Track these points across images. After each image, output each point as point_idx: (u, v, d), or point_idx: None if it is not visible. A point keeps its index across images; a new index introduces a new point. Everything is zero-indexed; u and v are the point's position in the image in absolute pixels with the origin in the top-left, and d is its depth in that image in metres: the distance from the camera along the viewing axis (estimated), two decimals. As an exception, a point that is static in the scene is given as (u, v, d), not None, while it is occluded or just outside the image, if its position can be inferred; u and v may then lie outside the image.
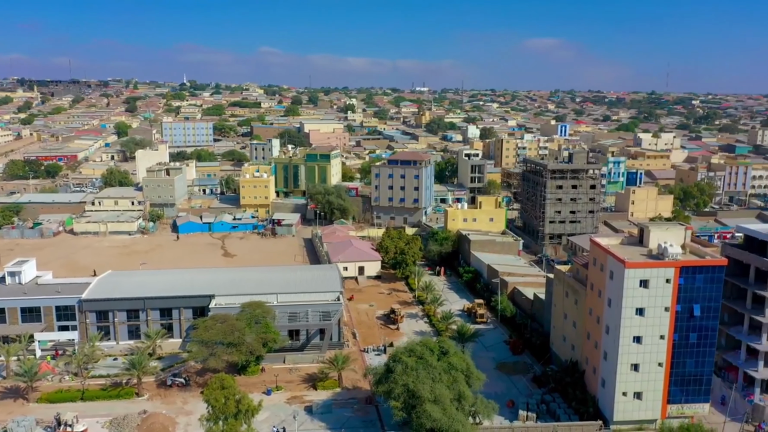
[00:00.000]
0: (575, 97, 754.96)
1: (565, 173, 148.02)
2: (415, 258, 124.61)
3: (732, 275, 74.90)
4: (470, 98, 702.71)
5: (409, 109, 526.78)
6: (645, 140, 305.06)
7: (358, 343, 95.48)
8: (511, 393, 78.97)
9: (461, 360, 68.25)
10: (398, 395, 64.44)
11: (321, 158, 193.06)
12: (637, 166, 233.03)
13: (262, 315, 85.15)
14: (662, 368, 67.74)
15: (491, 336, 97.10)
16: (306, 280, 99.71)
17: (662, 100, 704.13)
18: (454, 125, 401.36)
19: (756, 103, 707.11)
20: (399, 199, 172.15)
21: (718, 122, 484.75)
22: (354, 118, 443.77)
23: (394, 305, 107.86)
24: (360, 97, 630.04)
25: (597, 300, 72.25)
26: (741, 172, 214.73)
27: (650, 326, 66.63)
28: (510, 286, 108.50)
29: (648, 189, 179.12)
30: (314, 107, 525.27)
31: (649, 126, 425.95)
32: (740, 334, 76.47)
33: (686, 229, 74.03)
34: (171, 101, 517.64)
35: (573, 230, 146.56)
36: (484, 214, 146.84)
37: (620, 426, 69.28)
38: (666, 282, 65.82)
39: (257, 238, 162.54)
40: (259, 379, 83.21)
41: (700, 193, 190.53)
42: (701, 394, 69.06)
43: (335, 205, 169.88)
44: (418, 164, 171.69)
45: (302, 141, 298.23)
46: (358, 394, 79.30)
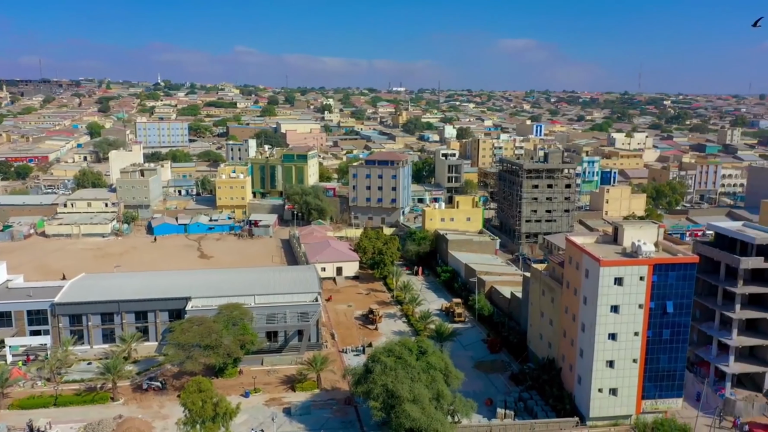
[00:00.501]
0: (550, 98, 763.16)
1: (541, 173, 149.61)
2: (393, 258, 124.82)
3: (703, 272, 76.48)
4: (447, 98, 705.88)
5: (386, 109, 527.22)
6: (618, 140, 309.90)
7: (336, 343, 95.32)
8: (489, 391, 79.55)
9: (440, 359, 68.56)
10: (377, 395, 64.48)
11: (298, 158, 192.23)
12: (611, 166, 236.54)
13: (240, 317, 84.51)
14: (637, 364, 68.84)
15: (469, 335, 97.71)
16: (284, 281, 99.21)
17: (635, 101, 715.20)
18: (431, 125, 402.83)
19: (725, 103, 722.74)
20: (377, 199, 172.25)
21: (689, 122, 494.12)
22: (331, 118, 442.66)
23: (373, 305, 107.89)
24: (337, 97, 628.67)
25: (573, 298, 73.17)
26: (711, 171, 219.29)
27: (625, 323, 67.65)
28: (487, 285, 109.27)
29: (622, 188, 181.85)
30: (291, 107, 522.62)
31: (622, 126, 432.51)
32: (711, 330, 78.09)
33: (659, 227, 75.34)
34: (145, 101, 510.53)
35: (549, 229, 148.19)
36: (462, 213, 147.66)
37: (596, 422, 70.23)
38: (640, 279, 66.93)
39: (234, 240, 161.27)
40: (236, 382, 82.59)
41: (672, 191, 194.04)
42: (674, 390, 70.36)
43: (313, 205, 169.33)
44: (396, 164, 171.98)
45: (279, 141, 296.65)
46: (337, 395, 79.18)
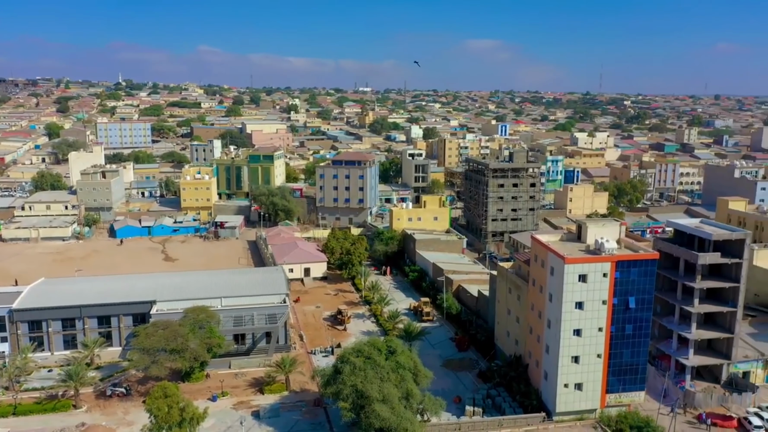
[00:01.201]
0: (514, 98, 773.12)
1: (506, 172, 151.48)
2: (361, 258, 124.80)
3: (663, 268, 78.45)
4: (413, 98, 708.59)
5: (353, 109, 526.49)
6: (581, 139, 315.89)
7: (305, 345, 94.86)
8: (458, 389, 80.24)
9: (408, 358, 68.84)
10: (347, 396, 64.40)
11: (264, 159, 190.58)
12: (574, 165, 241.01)
13: (206, 320, 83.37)
14: (601, 359, 70.26)
15: (437, 334, 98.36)
16: (251, 283, 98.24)
17: (596, 101, 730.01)
18: (398, 125, 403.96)
19: (682, 103, 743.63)
20: (344, 199, 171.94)
21: (648, 122, 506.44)
22: (297, 118, 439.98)
23: (341, 306, 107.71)
24: (303, 98, 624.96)
25: (539, 295, 74.30)
26: (670, 169, 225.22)
27: (589, 319, 68.98)
28: (455, 284, 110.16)
29: (584, 187, 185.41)
30: (256, 107, 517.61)
31: (584, 126, 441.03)
32: (671, 324, 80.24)
33: (621, 224, 77.07)
34: (106, 101, 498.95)
35: (514, 227, 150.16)
36: (429, 213, 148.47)
37: (562, 417, 71.46)
38: (603, 276, 68.31)
39: (199, 242, 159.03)
40: (204, 386, 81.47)
41: (633, 190, 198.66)
42: (637, 383, 72.04)
43: (279, 206, 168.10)
44: (363, 164, 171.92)
45: (244, 142, 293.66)
46: (306, 396, 78.81)
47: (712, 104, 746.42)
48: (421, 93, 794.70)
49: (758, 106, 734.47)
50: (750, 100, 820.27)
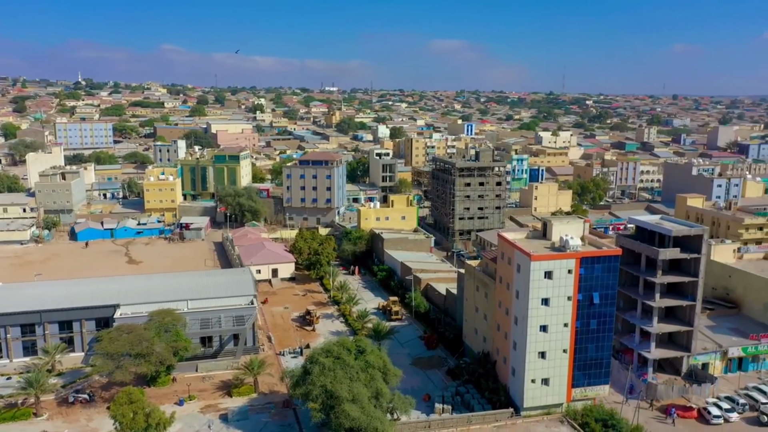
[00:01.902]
0: (480, 98, 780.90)
1: (473, 171, 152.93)
2: (329, 258, 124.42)
3: (626, 264, 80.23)
4: (379, 98, 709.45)
5: (319, 109, 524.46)
6: (545, 138, 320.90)
7: (273, 346, 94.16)
8: (427, 387, 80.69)
9: (378, 358, 68.93)
10: (316, 397, 64.15)
11: (230, 159, 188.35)
12: (539, 163, 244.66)
13: (172, 323, 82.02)
14: (566, 354, 71.45)
15: (406, 332, 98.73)
16: (217, 285, 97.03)
17: (559, 101, 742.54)
18: (365, 125, 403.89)
19: (642, 103, 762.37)
20: (311, 199, 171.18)
21: (610, 121, 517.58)
22: (263, 118, 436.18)
23: (310, 306, 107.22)
24: (269, 97, 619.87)
25: (506, 292, 75.21)
26: (631, 167, 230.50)
27: (555, 315, 70.10)
28: (423, 283, 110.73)
29: (549, 185, 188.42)
30: (221, 107, 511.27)
31: (548, 125, 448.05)
32: (634, 319, 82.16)
33: (584, 222, 78.58)
34: (65, 101, 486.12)
35: (481, 226, 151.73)
36: (396, 212, 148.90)
37: (530, 412, 72.45)
38: (568, 272, 69.46)
39: (164, 244, 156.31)
40: (170, 390, 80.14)
41: (596, 187, 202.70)
42: (602, 377, 73.50)
43: (246, 207, 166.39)
44: (330, 164, 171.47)
45: (209, 142, 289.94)
46: (275, 398, 78.24)
47: (671, 104, 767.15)
48: (388, 93, 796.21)
49: (714, 105, 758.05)
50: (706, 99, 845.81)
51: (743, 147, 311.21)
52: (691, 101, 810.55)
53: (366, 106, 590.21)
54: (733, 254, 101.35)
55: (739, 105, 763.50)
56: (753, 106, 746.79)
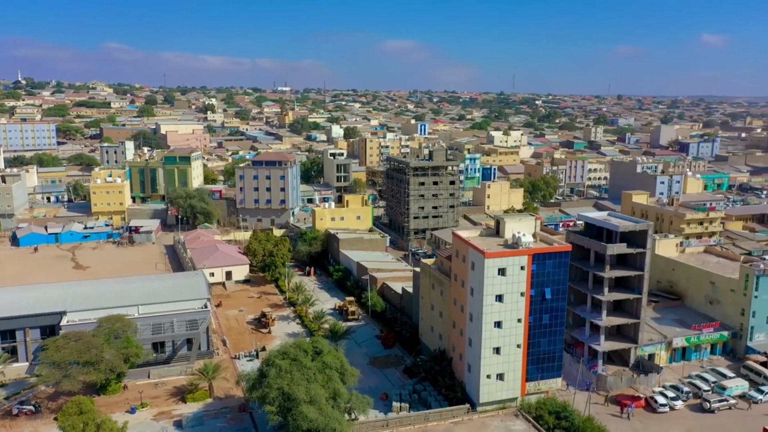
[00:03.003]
0: (432, 98, 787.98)
1: (427, 170, 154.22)
2: (285, 259, 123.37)
3: (575, 259, 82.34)
4: (333, 98, 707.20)
5: (272, 109, 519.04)
6: (497, 138, 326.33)
7: (228, 350, 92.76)
8: (385, 386, 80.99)
9: (335, 358, 68.74)
10: (273, 399, 63.51)
11: (180, 160, 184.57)
12: (491, 162, 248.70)
13: (122, 329, 79.76)
14: (520, 349, 72.87)
15: (363, 332, 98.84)
16: (170, 289, 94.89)
17: (510, 101, 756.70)
18: (318, 125, 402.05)
19: (589, 103, 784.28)
20: (265, 200, 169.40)
21: (558, 120, 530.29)
22: (214, 118, 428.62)
23: (265, 308, 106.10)
24: (220, 97, 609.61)
25: (461, 290, 76.20)
26: (579, 165, 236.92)
27: (509, 311, 71.35)
28: (379, 282, 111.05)
29: (501, 183, 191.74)
30: (171, 107, 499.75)
31: (499, 124, 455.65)
32: (584, 313, 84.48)
33: (536, 219, 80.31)
34: (4, 101, 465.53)
35: (436, 225, 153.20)
36: (351, 212, 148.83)
37: (486, 407, 73.61)
38: (521, 269, 70.82)
39: (113, 248, 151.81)
40: (121, 398, 77.98)
41: (546, 185, 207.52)
42: (554, 371, 75.28)
43: (198, 209, 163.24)
44: (284, 165, 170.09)
45: (159, 143, 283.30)
46: (231, 402, 77.11)
47: (616, 104, 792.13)
48: (341, 93, 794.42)
49: (656, 105, 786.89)
50: (649, 100, 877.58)
51: (683, 145, 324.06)
52: (635, 101, 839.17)
53: (319, 106, 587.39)
54: (675, 248, 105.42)
55: (679, 105, 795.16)
56: (692, 106, 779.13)
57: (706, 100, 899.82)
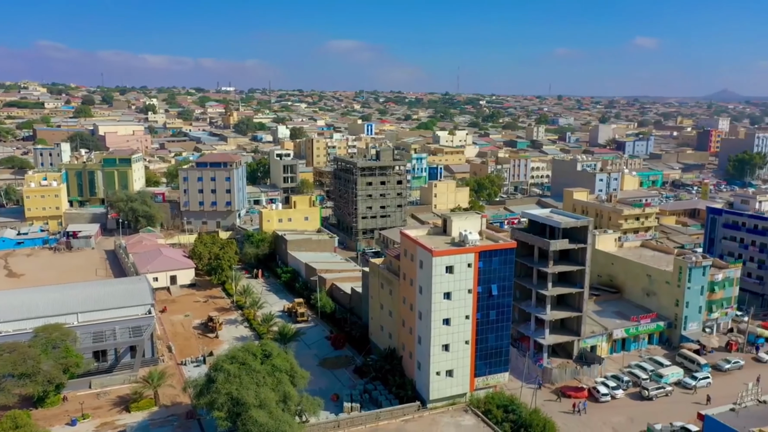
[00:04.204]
0: (379, 98, 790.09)
1: (374, 170, 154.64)
2: (231, 262, 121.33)
3: (520, 256, 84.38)
4: (278, 98, 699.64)
5: (216, 109, 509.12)
6: (442, 137, 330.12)
7: (174, 356, 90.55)
8: (335, 387, 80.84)
9: (285, 361, 68.13)
10: (222, 405, 62.43)
11: (120, 162, 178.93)
12: (437, 162, 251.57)
13: (61, 338, 76.58)
14: (468, 346, 74.03)
15: (313, 333, 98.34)
16: (111, 295, 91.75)
17: (455, 101, 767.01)
18: (264, 125, 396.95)
19: (530, 103, 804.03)
20: (210, 202, 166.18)
21: (502, 120, 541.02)
22: (156, 119, 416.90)
23: (212, 313, 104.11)
24: (161, 97, 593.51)
25: (409, 288, 76.83)
26: (522, 164, 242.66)
27: (457, 308, 72.37)
28: (328, 283, 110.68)
29: (447, 182, 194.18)
30: (109, 108, 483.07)
31: (445, 124, 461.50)
32: (529, 308, 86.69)
33: (482, 217, 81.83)
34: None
35: (384, 224, 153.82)
36: (299, 213, 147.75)
37: (436, 404, 74.45)
38: (468, 266, 71.93)
39: (49, 254, 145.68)
40: (60, 410, 74.96)
41: (491, 184, 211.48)
42: (501, 365, 76.83)
43: (140, 212, 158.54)
44: (229, 166, 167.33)
45: (97, 144, 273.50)
46: (178, 409, 75.33)
47: (556, 104, 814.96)
48: (287, 93, 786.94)
49: (594, 105, 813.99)
50: (587, 100, 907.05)
51: (620, 144, 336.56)
52: (574, 101, 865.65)
53: (264, 106, 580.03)
54: (614, 243, 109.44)
55: (616, 105, 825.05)
56: (627, 106, 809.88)
57: (640, 101, 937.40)
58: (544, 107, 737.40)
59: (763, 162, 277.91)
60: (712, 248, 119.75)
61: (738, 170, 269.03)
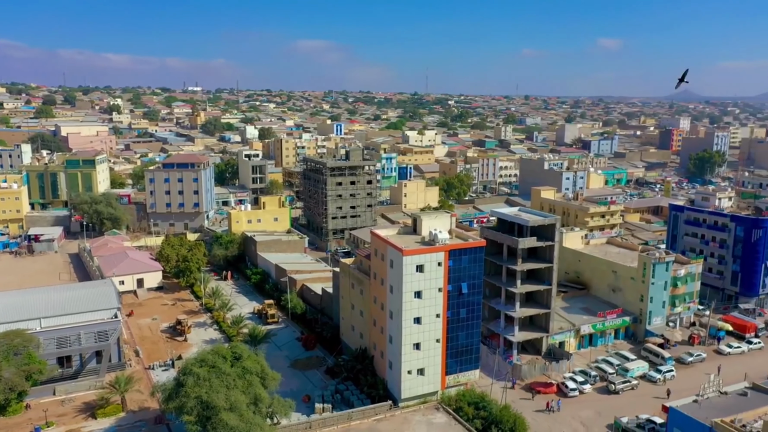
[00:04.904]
0: (348, 98, 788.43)
1: (344, 170, 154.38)
2: (200, 264, 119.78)
3: (490, 254, 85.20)
4: (246, 98, 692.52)
5: (183, 109, 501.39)
6: (412, 137, 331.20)
7: (142, 360, 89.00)
8: (307, 388, 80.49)
9: (255, 363, 67.56)
10: (191, 409, 61.55)
11: (84, 164, 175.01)
12: (407, 162, 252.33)
13: (23, 344, 74.58)
14: (439, 344, 74.45)
15: (284, 335, 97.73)
16: (75, 300, 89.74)
17: (424, 101, 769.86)
18: (232, 126, 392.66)
19: (498, 103, 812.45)
20: (178, 204, 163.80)
21: (470, 120, 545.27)
22: (120, 119, 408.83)
23: (180, 316, 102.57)
24: (126, 97, 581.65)
25: (380, 288, 76.95)
26: (491, 163, 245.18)
27: (427, 307, 72.73)
28: (299, 284, 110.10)
29: (417, 182, 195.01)
30: (72, 108, 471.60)
31: (414, 124, 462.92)
32: (499, 305, 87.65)
33: (451, 216, 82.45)
34: None
35: (354, 224, 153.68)
36: (268, 214, 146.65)
37: (407, 402, 74.71)
38: (438, 265, 72.40)
39: (10, 258, 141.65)
40: (23, 418, 72.98)
41: (460, 183, 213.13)
42: (472, 363, 77.51)
43: (105, 214, 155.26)
44: (196, 167, 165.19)
45: (60, 145, 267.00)
46: (146, 415, 74.06)
47: (523, 104, 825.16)
48: (255, 93, 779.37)
49: (560, 105, 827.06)
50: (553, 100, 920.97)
51: (586, 143, 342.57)
52: (541, 101, 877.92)
53: (232, 106, 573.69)
54: (581, 240, 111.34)
55: (581, 105, 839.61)
56: (592, 106, 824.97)
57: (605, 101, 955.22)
58: (511, 107, 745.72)
59: (722, 160, 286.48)
60: (674, 244, 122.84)
61: (698, 168, 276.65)
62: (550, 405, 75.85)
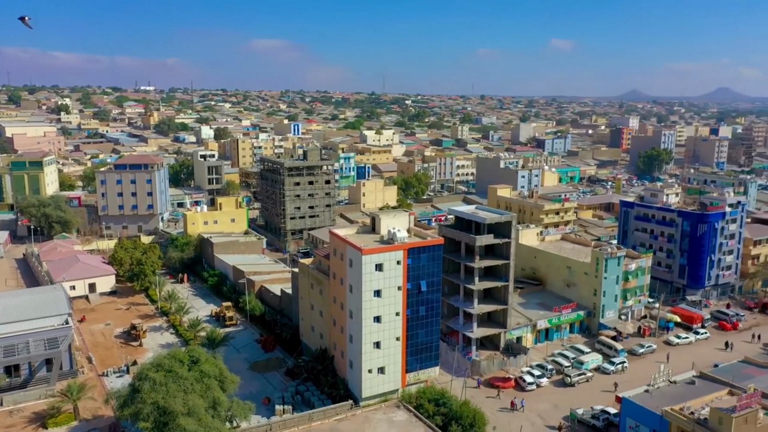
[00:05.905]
0: (305, 98, 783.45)
1: (302, 170, 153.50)
2: (155, 267, 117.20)
3: (448, 252, 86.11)
4: (201, 98, 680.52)
5: (135, 109, 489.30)
6: (369, 137, 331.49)
7: (95, 367, 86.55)
8: (267, 390, 79.76)
9: (213, 366, 66.58)
10: (147, 415, 60.24)
11: (31, 165, 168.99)
12: (365, 161, 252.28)
13: (-32, 354, 71.75)
14: (399, 342, 74.87)
15: (242, 337, 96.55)
16: (23, 306, 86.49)
17: (381, 101, 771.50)
18: (186, 126, 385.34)
19: (455, 102, 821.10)
20: (131, 206, 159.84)
21: (427, 119, 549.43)
22: (69, 119, 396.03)
23: (135, 320, 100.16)
24: (75, 97, 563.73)
25: (340, 287, 76.86)
26: (448, 162, 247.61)
27: (387, 305, 73.01)
28: (257, 285, 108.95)
29: (375, 181, 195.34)
30: (17, 108, 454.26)
31: (371, 124, 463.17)
32: (458, 302, 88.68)
33: (410, 215, 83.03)
34: None
35: (313, 224, 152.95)
36: (225, 215, 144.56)
37: (368, 401, 74.83)
38: (397, 264, 72.75)
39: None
40: (-31, 431, 70.18)
41: (418, 182, 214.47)
42: (432, 360, 78.24)
43: (54, 217, 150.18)
44: (150, 168, 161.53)
45: (4, 147, 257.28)
46: (101, 423, 72.07)
47: (479, 103, 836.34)
48: (210, 92, 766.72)
49: (515, 105, 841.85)
50: (508, 99, 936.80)
51: (540, 142, 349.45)
52: (496, 101, 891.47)
53: (187, 106, 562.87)
54: (536, 237, 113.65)
55: (535, 104, 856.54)
56: (546, 106, 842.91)
57: (558, 100, 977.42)
58: (467, 107, 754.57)
59: (669, 158, 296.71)
60: (625, 240, 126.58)
61: (647, 166, 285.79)
62: (515, 404, 76.48)
